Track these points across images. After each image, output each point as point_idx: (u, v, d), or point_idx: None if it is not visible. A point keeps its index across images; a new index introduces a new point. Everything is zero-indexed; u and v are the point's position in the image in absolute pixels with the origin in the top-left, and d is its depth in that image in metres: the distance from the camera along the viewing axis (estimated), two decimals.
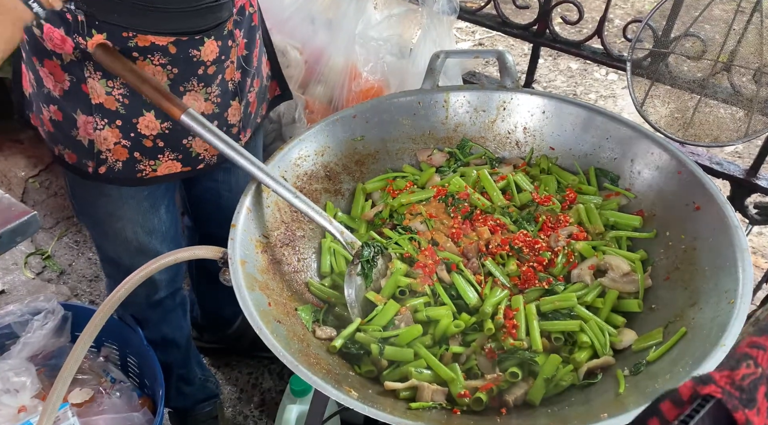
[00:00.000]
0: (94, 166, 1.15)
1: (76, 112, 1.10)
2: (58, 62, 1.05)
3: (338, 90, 1.71)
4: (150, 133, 1.13)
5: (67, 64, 1.05)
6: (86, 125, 1.10)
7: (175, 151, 1.17)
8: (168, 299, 1.49)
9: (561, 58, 3.54)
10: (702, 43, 1.33)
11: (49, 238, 2.43)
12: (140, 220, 1.28)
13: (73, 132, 1.12)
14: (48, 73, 1.07)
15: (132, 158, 1.15)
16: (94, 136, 1.11)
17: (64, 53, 1.04)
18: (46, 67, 1.07)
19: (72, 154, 1.16)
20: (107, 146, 1.12)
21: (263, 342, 0.81)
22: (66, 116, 1.11)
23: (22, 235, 0.97)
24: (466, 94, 1.26)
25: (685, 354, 0.80)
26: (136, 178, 1.18)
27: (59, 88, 1.08)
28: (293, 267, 1.07)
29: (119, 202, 1.24)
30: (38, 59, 1.07)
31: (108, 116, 1.09)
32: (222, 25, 1.10)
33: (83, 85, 1.06)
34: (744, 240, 0.88)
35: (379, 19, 1.74)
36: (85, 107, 1.09)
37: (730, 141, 1.32)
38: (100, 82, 1.06)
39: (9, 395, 1.44)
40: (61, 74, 1.06)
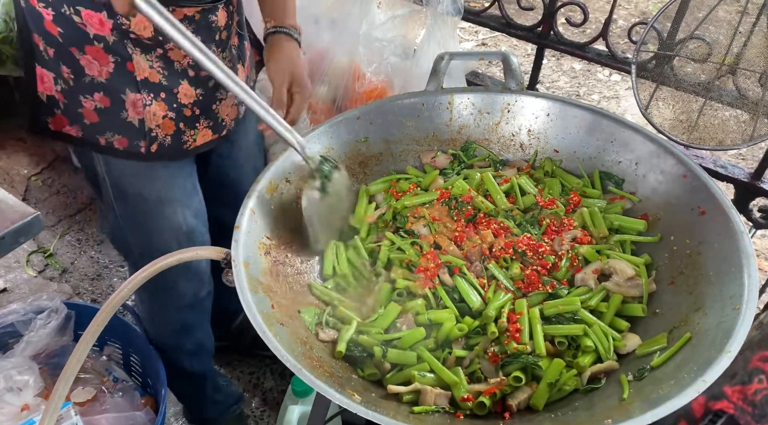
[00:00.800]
0: (147, 145, 1.17)
1: (125, 93, 1.12)
2: (101, 46, 1.07)
3: (342, 90, 1.71)
4: (188, 101, 1.17)
5: (111, 45, 1.07)
6: (136, 103, 1.13)
7: (208, 118, 1.22)
8: (207, 299, 1.51)
9: (564, 59, 3.53)
10: (707, 46, 1.32)
11: (51, 236, 2.44)
12: (187, 201, 1.31)
13: (122, 114, 1.14)
14: (91, 59, 1.08)
15: (178, 130, 1.19)
16: (144, 113, 1.14)
17: (107, 36, 1.05)
18: (88, 53, 1.08)
19: (122, 139, 1.17)
20: (156, 121, 1.15)
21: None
22: (114, 100, 1.12)
23: (25, 236, 0.97)
24: (470, 96, 1.25)
25: (689, 360, 0.80)
26: (183, 150, 1.22)
27: (105, 72, 1.10)
28: (296, 269, 1.06)
29: (169, 183, 1.27)
30: (78, 48, 1.08)
31: (153, 90, 1.12)
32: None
33: (128, 64, 1.09)
34: (750, 245, 0.88)
35: (383, 20, 1.74)
36: (132, 85, 1.11)
37: (734, 144, 1.32)
38: (141, 56, 1.09)
39: (12, 393, 1.44)
40: (105, 57, 1.08)
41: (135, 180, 1.25)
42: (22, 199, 2.45)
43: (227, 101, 1.25)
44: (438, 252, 1.07)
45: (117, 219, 1.34)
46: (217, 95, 1.22)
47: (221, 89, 1.22)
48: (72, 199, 2.59)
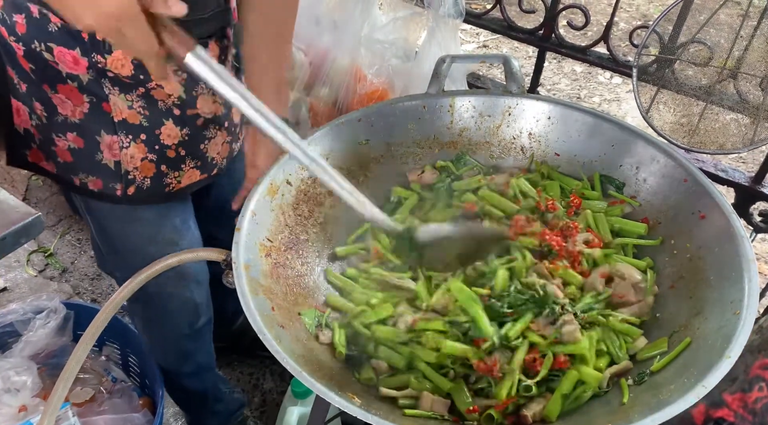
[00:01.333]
0: (123, 188, 1.12)
1: (100, 134, 1.06)
2: (74, 85, 1.01)
3: (343, 92, 1.71)
4: (172, 142, 1.11)
5: (85, 85, 1.01)
6: (112, 146, 1.07)
7: (195, 158, 1.17)
8: (205, 327, 1.48)
9: (566, 61, 3.54)
10: (708, 50, 1.32)
11: (51, 236, 2.44)
12: (177, 239, 1.25)
13: (97, 156, 1.08)
14: (64, 98, 1.03)
15: (159, 172, 1.13)
16: (121, 156, 1.08)
17: (81, 74, 1.00)
18: (61, 92, 1.02)
19: (97, 180, 1.11)
20: (134, 164, 1.10)
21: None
22: (88, 141, 1.07)
23: (26, 237, 0.97)
24: (471, 98, 1.25)
25: (690, 365, 0.80)
26: (165, 193, 1.16)
27: (79, 112, 1.04)
28: (297, 271, 1.06)
29: (154, 224, 1.21)
30: (50, 86, 1.02)
31: (132, 131, 1.07)
32: (225, 28, 1.10)
33: (104, 104, 1.03)
34: (750, 250, 0.88)
35: (385, 22, 1.74)
36: (108, 127, 1.05)
37: (735, 148, 1.32)
38: (120, 97, 1.03)
39: (9, 394, 1.44)
40: (79, 96, 1.02)
41: (118, 221, 1.20)
42: (22, 199, 2.45)
43: (217, 140, 1.19)
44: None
45: (101, 254, 1.31)
46: (205, 134, 1.16)
47: (211, 127, 1.16)
48: None
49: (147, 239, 1.22)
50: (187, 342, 1.49)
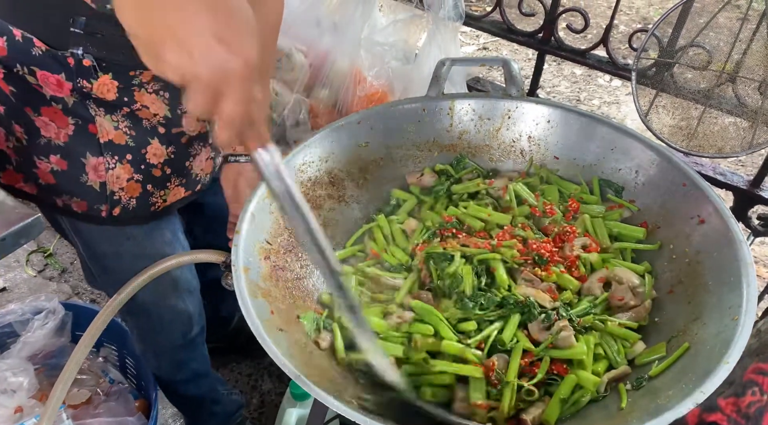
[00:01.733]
0: (108, 209, 1.10)
1: (85, 156, 1.04)
2: (59, 107, 0.99)
3: (343, 94, 1.71)
4: (158, 161, 1.10)
5: (70, 107, 0.99)
6: (97, 167, 1.05)
7: (180, 176, 1.16)
8: (199, 336, 1.49)
9: (565, 64, 3.54)
10: (707, 54, 1.33)
11: (51, 236, 2.43)
12: (169, 251, 1.24)
13: (81, 178, 1.06)
14: (48, 120, 1.00)
15: (145, 191, 1.12)
16: (107, 177, 1.06)
17: (65, 97, 0.98)
18: (44, 115, 1.00)
19: (81, 202, 1.10)
20: (120, 185, 1.09)
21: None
22: (72, 163, 1.05)
23: (26, 237, 0.96)
24: (471, 101, 1.25)
25: (688, 370, 0.80)
26: (150, 212, 1.15)
27: (63, 134, 1.02)
28: (296, 273, 1.06)
29: (145, 241, 1.20)
30: (33, 109, 0.99)
31: (118, 152, 1.05)
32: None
33: (90, 126, 1.01)
34: (749, 255, 0.88)
35: (385, 24, 1.74)
36: (94, 148, 1.04)
37: (734, 152, 1.32)
38: (105, 117, 1.01)
39: (6, 395, 1.44)
40: (64, 119, 1.00)
41: (107, 241, 1.18)
42: None
43: (201, 156, 1.19)
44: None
45: (91, 273, 1.30)
46: (190, 151, 1.15)
47: (195, 144, 1.15)
48: None
49: (137, 256, 1.20)
50: (181, 352, 1.49)
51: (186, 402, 1.68)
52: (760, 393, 0.32)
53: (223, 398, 1.72)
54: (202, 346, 1.55)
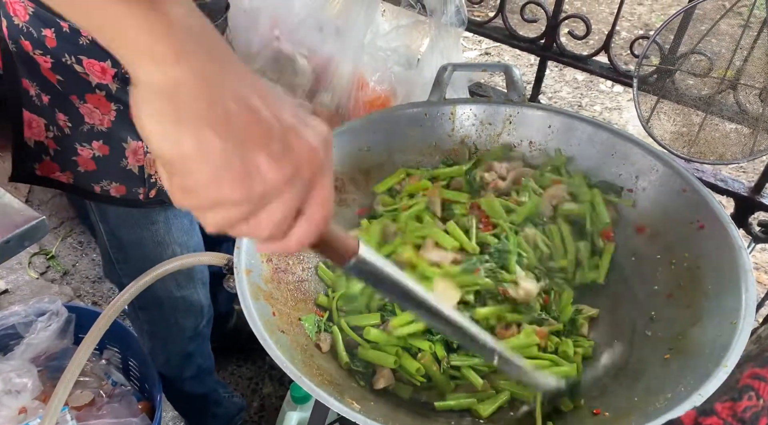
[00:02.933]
0: (146, 192, 1.15)
1: (126, 141, 1.09)
2: (102, 94, 1.04)
3: (345, 99, 1.72)
4: None
5: (113, 93, 1.04)
6: (137, 151, 1.10)
7: None
8: (206, 327, 1.51)
9: (567, 69, 3.55)
10: (709, 61, 1.34)
11: (53, 238, 2.45)
12: (186, 241, 1.29)
13: (122, 162, 1.11)
14: (92, 107, 1.05)
15: None
16: (145, 160, 1.11)
17: (109, 83, 1.02)
18: (89, 102, 1.05)
19: (120, 187, 1.14)
20: (156, 168, 1.12)
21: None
22: (114, 148, 1.10)
23: (30, 240, 0.98)
24: (472, 107, 1.26)
25: (687, 373, 0.80)
26: None
27: (106, 120, 1.06)
28: (297, 276, 1.07)
29: (167, 227, 1.24)
30: (78, 97, 1.04)
31: None
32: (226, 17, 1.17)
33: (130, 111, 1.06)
34: (748, 260, 0.89)
35: (388, 29, 1.75)
36: (134, 133, 1.09)
37: (735, 159, 1.33)
38: None
39: (10, 396, 1.44)
40: (107, 105, 1.05)
41: (132, 227, 1.23)
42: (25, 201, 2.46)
43: None
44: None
45: (112, 262, 1.33)
46: None
47: None
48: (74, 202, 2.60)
49: (158, 242, 1.25)
50: (189, 343, 1.51)
51: (189, 403, 1.69)
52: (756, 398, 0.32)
53: (224, 401, 1.73)
54: (207, 340, 1.58)
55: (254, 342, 0.81)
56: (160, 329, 1.48)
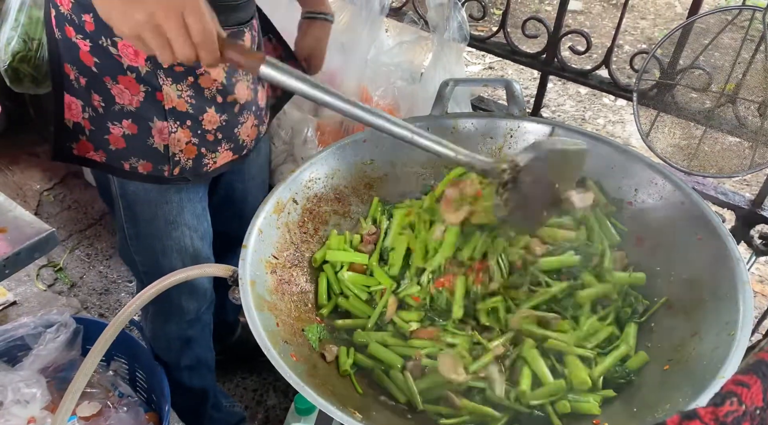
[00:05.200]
0: (170, 169, 1.22)
1: (152, 121, 1.16)
2: (133, 76, 1.12)
3: None
4: (212, 127, 1.21)
5: (143, 76, 1.12)
6: (162, 131, 1.17)
7: (229, 141, 1.26)
8: (206, 313, 1.55)
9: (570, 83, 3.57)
10: (708, 76, 1.35)
11: (61, 251, 2.47)
12: (195, 224, 1.35)
13: (149, 141, 1.18)
14: (123, 88, 1.13)
15: (199, 154, 1.23)
16: (169, 140, 1.18)
17: (140, 66, 1.11)
18: (121, 83, 1.13)
19: (147, 164, 1.21)
20: (180, 147, 1.20)
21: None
22: (141, 127, 1.17)
23: (40, 252, 1.00)
24: (473, 121, 1.28)
25: (684, 384, 0.81)
26: (203, 172, 1.26)
27: (135, 101, 1.14)
28: (301, 287, 1.09)
29: (179, 208, 1.31)
30: (111, 77, 1.13)
31: (180, 118, 1.17)
32: (253, 18, 1.24)
33: (158, 93, 1.13)
34: (745, 273, 0.90)
35: (391, 45, 1.78)
36: (160, 114, 1.16)
37: (734, 172, 1.34)
38: (172, 87, 1.14)
39: (19, 406, 1.46)
40: (136, 86, 1.13)
41: (148, 203, 1.29)
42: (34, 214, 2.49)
43: (248, 124, 1.30)
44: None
45: (126, 238, 1.38)
46: (239, 119, 1.27)
47: (244, 113, 1.27)
48: (82, 215, 2.63)
49: (170, 222, 1.32)
50: (189, 327, 1.54)
51: (189, 399, 1.69)
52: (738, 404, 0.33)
53: (224, 408, 1.74)
54: (208, 330, 1.61)
55: (259, 353, 0.83)
56: (164, 309, 1.51)
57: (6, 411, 1.43)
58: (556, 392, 0.92)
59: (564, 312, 1.03)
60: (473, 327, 1.03)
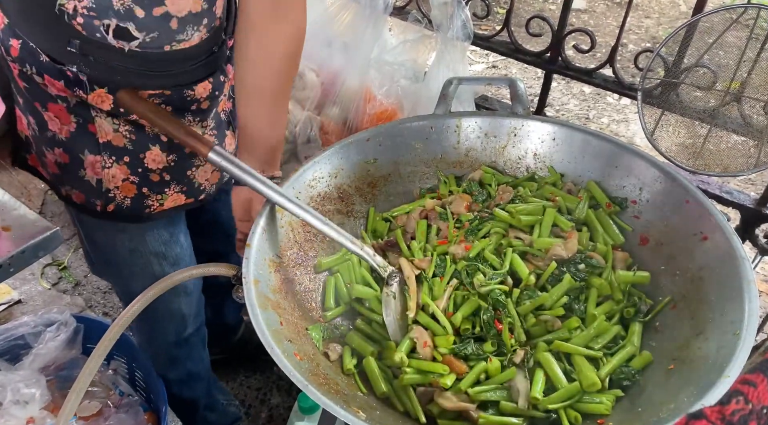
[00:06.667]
0: (103, 204, 1.14)
1: (84, 153, 1.08)
2: (63, 105, 1.04)
3: (353, 112, 1.74)
4: (156, 166, 1.13)
5: (73, 107, 1.04)
6: (94, 165, 1.10)
7: (180, 183, 1.17)
8: (194, 335, 1.50)
9: (574, 82, 3.56)
10: (712, 74, 1.35)
11: (65, 249, 2.48)
12: (164, 251, 1.27)
13: (80, 172, 1.11)
14: (53, 116, 1.06)
15: (140, 194, 1.15)
16: (102, 174, 1.10)
17: (69, 97, 1.03)
18: (50, 110, 1.06)
19: (80, 194, 1.15)
20: (115, 183, 1.12)
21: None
22: (73, 158, 1.10)
23: (44, 250, 1.00)
24: (477, 119, 1.28)
25: (690, 383, 0.81)
26: (145, 214, 1.18)
27: (65, 130, 1.07)
28: (305, 286, 1.09)
29: (139, 237, 1.23)
30: (41, 104, 1.05)
31: (116, 153, 1.09)
32: (217, 70, 1.10)
33: (90, 125, 1.06)
34: (751, 271, 0.89)
35: (395, 44, 1.77)
36: (92, 147, 1.08)
37: (739, 171, 1.33)
38: (106, 120, 1.05)
39: (18, 406, 1.45)
40: (67, 117, 1.05)
41: (104, 231, 1.23)
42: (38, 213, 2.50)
43: (207, 167, 1.20)
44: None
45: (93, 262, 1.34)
46: (193, 161, 1.17)
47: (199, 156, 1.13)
48: None
49: (132, 250, 1.24)
50: (174, 349, 1.50)
51: (179, 405, 1.69)
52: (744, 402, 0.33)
53: (220, 407, 1.72)
54: (199, 347, 1.56)
55: (262, 351, 0.83)
56: (144, 327, 1.48)
57: (5, 412, 1.43)
58: (572, 395, 0.92)
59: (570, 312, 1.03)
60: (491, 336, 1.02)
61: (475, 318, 1.03)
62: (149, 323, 1.42)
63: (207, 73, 1.09)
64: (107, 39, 0.95)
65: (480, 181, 1.27)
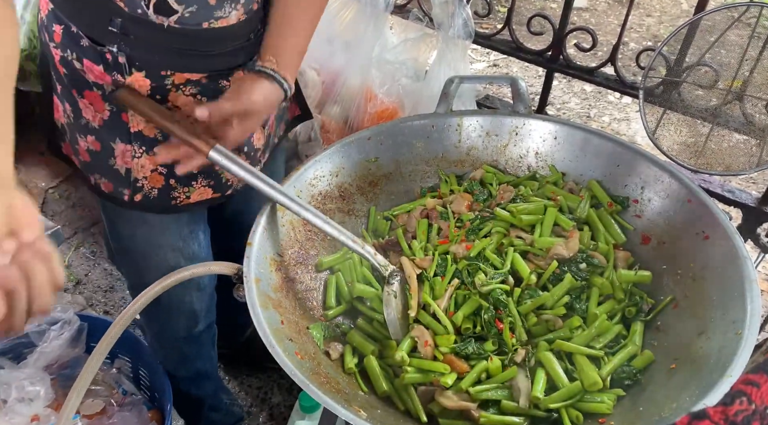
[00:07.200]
0: (130, 194, 1.15)
1: (115, 142, 1.10)
2: (99, 93, 1.06)
3: (354, 111, 1.74)
4: None
5: (108, 94, 1.05)
6: (124, 154, 1.11)
7: (208, 177, 1.18)
8: (205, 333, 1.50)
9: (575, 80, 3.56)
10: (714, 73, 1.34)
11: (66, 248, 2.48)
12: (181, 246, 1.28)
13: (110, 161, 1.12)
14: (88, 103, 1.07)
15: (167, 185, 1.15)
16: (132, 164, 1.12)
17: (105, 84, 1.04)
18: (86, 98, 1.07)
19: (108, 183, 1.16)
20: (144, 173, 1.13)
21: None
22: (104, 146, 1.11)
23: None
24: (478, 118, 1.28)
25: (692, 383, 0.81)
26: (171, 206, 1.19)
27: (99, 118, 1.08)
28: (306, 285, 1.09)
29: (160, 229, 1.24)
30: (78, 91, 1.07)
31: (146, 144, 1.10)
32: (253, 60, 1.10)
33: (123, 115, 1.07)
34: (753, 271, 0.89)
35: (396, 43, 1.77)
36: (123, 136, 1.09)
37: (742, 170, 1.33)
38: None
39: (23, 404, 1.46)
40: (101, 104, 1.07)
41: (126, 221, 1.24)
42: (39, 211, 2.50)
43: None
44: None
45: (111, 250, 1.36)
46: None
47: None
48: (87, 212, 2.63)
49: (152, 243, 1.25)
50: (184, 345, 1.50)
51: (185, 403, 1.69)
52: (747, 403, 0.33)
53: (223, 407, 1.72)
54: (209, 345, 1.57)
55: (265, 356, 0.82)
56: (154, 323, 1.48)
57: (10, 409, 1.43)
58: (574, 395, 0.92)
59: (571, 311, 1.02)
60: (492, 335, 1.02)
61: (476, 317, 1.03)
62: (160, 318, 1.43)
63: (243, 60, 1.10)
64: (148, 15, 0.96)
65: (481, 180, 1.27)
